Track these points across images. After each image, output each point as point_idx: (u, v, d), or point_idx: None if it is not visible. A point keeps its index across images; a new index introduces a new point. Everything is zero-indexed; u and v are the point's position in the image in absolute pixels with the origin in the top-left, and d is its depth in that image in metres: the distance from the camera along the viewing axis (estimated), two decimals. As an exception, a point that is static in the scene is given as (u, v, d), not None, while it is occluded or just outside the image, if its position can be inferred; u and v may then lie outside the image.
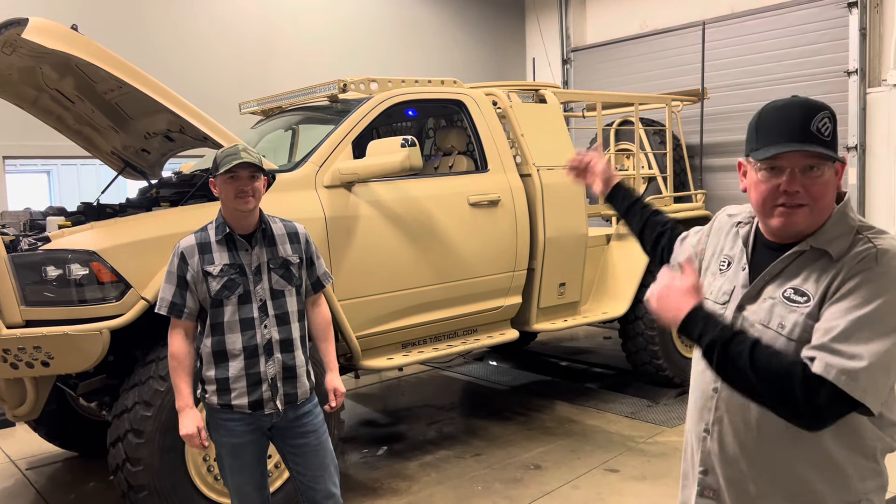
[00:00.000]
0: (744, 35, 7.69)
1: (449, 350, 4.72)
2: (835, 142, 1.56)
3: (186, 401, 2.70)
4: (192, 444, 2.71)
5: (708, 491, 1.75)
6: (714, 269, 1.81)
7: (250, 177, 2.66)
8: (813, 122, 1.53)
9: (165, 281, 2.73)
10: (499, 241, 4.84)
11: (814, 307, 1.54)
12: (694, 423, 1.79)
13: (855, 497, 1.61)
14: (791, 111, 1.57)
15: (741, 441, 1.66)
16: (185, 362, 2.71)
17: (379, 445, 5.10)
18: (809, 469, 1.59)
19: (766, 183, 1.58)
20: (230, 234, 2.71)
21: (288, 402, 2.76)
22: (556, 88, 5.98)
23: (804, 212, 1.56)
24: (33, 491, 4.59)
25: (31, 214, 4.20)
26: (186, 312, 2.71)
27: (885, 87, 6.75)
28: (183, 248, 2.72)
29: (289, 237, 2.82)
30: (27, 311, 3.34)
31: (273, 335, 2.71)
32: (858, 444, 1.59)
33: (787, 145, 1.53)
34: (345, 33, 8.16)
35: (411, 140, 4.00)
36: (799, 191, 1.54)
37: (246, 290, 2.69)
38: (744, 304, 1.67)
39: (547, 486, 4.27)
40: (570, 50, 9.57)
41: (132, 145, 4.83)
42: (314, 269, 2.92)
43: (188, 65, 6.95)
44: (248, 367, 2.68)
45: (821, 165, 1.54)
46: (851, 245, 1.55)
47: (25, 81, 4.21)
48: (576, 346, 7.76)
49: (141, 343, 3.70)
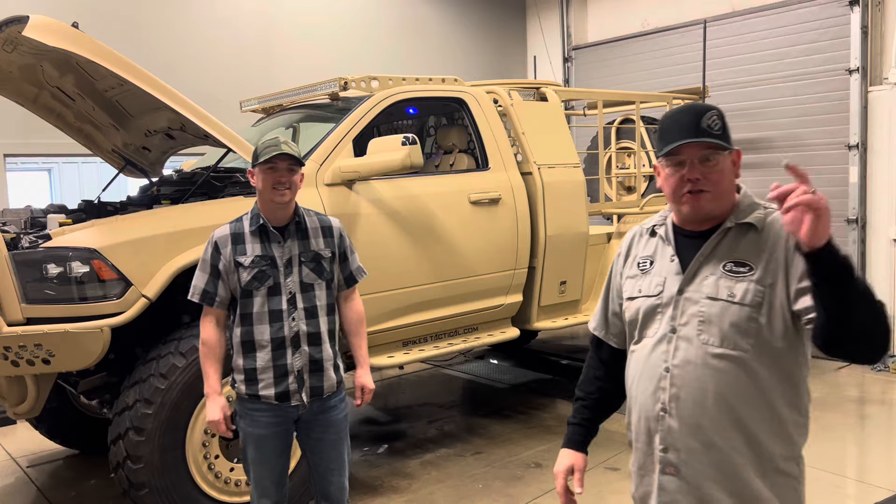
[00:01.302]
0: (745, 33, 7.67)
1: (450, 348, 4.72)
2: (725, 135, 1.79)
3: (214, 387, 2.76)
4: (217, 431, 2.76)
5: (669, 468, 1.83)
6: (634, 272, 1.97)
7: (288, 169, 2.70)
8: (703, 120, 1.76)
9: (199, 269, 2.78)
10: (499, 239, 4.83)
11: (760, 274, 1.74)
12: (645, 410, 1.86)
13: (795, 451, 1.80)
14: (685, 114, 1.81)
15: (701, 409, 1.77)
16: (215, 349, 2.77)
17: (379, 443, 5.10)
18: (762, 428, 1.75)
19: (673, 176, 1.81)
20: (264, 226, 2.74)
21: (314, 394, 2.79)
22: (557, 86, 5.97)
23: (707, 196, 1.79)
24: (34, 488, 4.60)
25: (32, 212, 4.20)
26: (218, 301, 2.75)
27: (886, 85, 6.74)
28: (217, 237, 2.76)
29: (322, 231, 2.85)
30: (28, 309, 3.34)
31: (301, 328, 2.74)
32: (797, 401, 1.78)
33: (683, 140, 1.77)
34: (346, 31, 8.15)
35: (412, 138, 4.00)
36: (699, 178, 1.77)
37: (276, 282, 2.72)
38: (683, 287, 1.83)
39: (547, 485, 4.28)
40: (571, 48, 9.56)
41: (133, 143, 4.83)
42: (347, 264, 2.94)
43: (189, 62, 6.94)
44: (276, 359, 2.71)
45: (714, 156, 1.77)
46: (767, 216, 1.80)
47: (26, 79, 4.21)
48: (576, 345, 7.75)
49: (142, 341, 3.70)
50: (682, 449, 1.80)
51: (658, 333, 1.84)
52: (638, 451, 1.92)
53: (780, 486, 1.77)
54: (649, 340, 1.86)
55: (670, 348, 1.81)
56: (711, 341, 1.76)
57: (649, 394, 1.85)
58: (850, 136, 6.90)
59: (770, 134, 7.46)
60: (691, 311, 1.79)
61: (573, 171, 5.29)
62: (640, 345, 1.90)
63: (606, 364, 2.11)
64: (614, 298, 2.07)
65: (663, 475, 1.84)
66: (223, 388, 2.85)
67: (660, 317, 1.85)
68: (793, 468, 1.80)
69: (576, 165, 5.34)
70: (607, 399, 2.10)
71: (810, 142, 7.16)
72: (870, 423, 5.49)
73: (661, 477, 1.85)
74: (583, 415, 2.11)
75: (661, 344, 1.83)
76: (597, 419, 2.12)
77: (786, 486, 1.78)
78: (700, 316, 1.77)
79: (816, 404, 5.67)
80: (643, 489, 1.91)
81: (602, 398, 2.11)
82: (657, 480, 1.86)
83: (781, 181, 1.60)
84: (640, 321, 1.90)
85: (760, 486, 1.76)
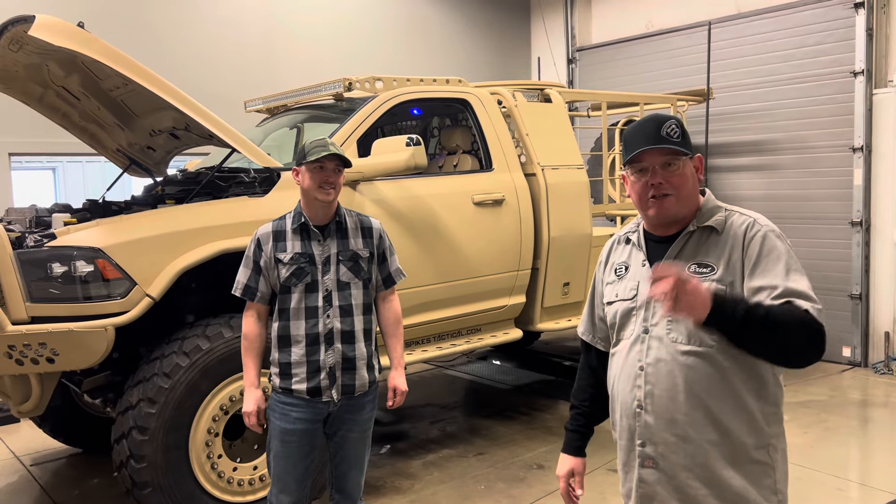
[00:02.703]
0: (750, 35, 7.66)
1: (452, 349, 4.73)
2: (685, 142, 1.89)
3: (252, 380, 2.83)
4: (250, 423, 2.82)
5: (648, 461, 1.92)
6: (611, 279, 2.07)
7: (335, 169, 2.77)
8: (663, 129, 1.86)
9: (242, 265, 2.85)
10: (503, 240, 4.83)
11: (721, 274, 1.84)
12: (625, 408, 1.95)
13: (766, 440, 1.87)
14: (646, 124, 1.90)
15: (673, 404, 1.86)
16: (255, 343, 2.84)
17: (382, 444, 5.10)
18: (731, 419, 1.83)
19: (638, 182, 1.91)
20: (305, 224, 2.80)
21: (345, 392, 2.82)
22: (561, 88, 5.98)
23: (671, 200, 1.88)
24: (37, 487, 4.61)
25: (37, 211, 4.21)
26: (259, 296, 2.83)
27: (891, 87, 6.73)
28: (260, 234, 2.84)
29: (362, 231, 2.90)
30: (32, 308, 3.35)
31: (335, 325, 2.78)
32: (764, 392, 1.86)
33: (644, 147, 1.86)
34: (350, 32, 8.16)
35: (416, 139, 4.01)
36: (662, 182, 1.87)
37: (314, 279, 2.78)
38: None
39: (550, 486, 4.27)
40: (575, 49, 9.55)
41: (137, 143, 4.84)
42: (386, 265, 2.98)
43: (193, 62, 6.96)
44: (309, 354, 2.76)
45: (675, 161, 1.87)
46: (727, 219, 1.90)
47: (31, 78, 4.22)
48: (579, 346, 7.73)
49: (146, 340, 3.71)
50: (659, 442, 1.89)
51: (633, 334, 1.95)
52: (621, 448, 2.01)
53: (753, 473, 1.85)
54: (626, 342, 1.97)
55: (643, 348, 1.91)
56: (679, 339, 1.86)
57: (627, 392, 1.95)
58: (854, 138, 6.88)
59: (774, 136, 7.45)
60: (661, 311, 1.87)
61: (577, 172, 5.29)
62: (618, 347, 2.01)
63: (595, 371, 2.21)
64: (598, 304, 2.17)
65: (642, 468, 1.93)
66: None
67: (634, 318, 1.96)
68: (764, 456, 1.86)
69: (579, 167, 5.34)
70: (599, 405, 2.18)
71: (815, 144, 7.15)
72: (873, 426, 5.48)
73: (640, 470, 1.94)
74: (578, 422, 2.24)
75: (636, 344, 1.93)
76: (591, 424, 2.24)
77: (759, 474, 1.86)
78: (668, 315, 1.85)
79: (820, 407, 5.69)
80: (627, 485, 2.00)
81: (594, 404, 2.21)
82: (637, 474, 1.94)
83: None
84: (617, 324, 2.01)
85: (732, 475, 1.84)
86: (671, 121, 1.89)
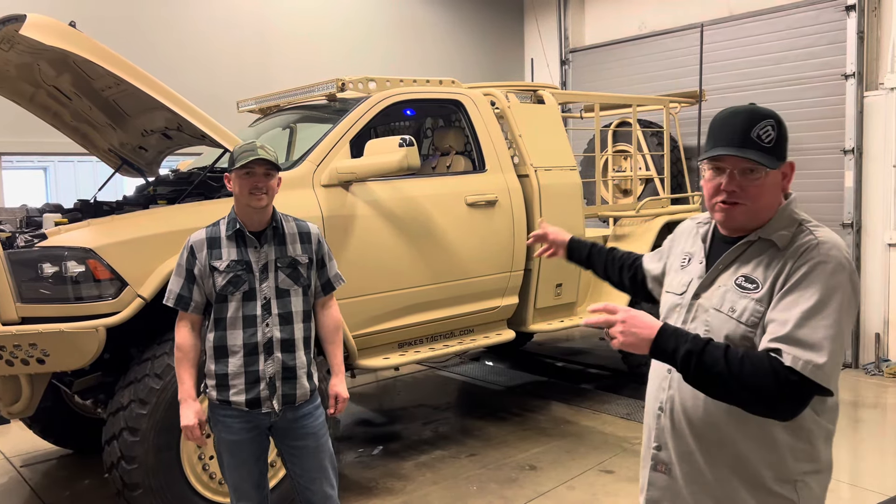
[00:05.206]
0: (742, 37, 7.69)
1: (445, 350, 4.72)
2: (778, 148, 1.67)
3: (189, 392, 2.71)
4: (191, 437, 2.71)
5: (661, 465, 1.87)
6: (676, 266, 1.97)
7: (265, 174, 2.67)
8: (754, 130, 1.65)
9: (174, 273, 2.74)
10: (496, 241, 4.84)
11: (763, 294, 1.67)
12: (649, 407, 1.92)
13: (790, 475, 1.71)
14: (736, 118, 1.69)
15: (690, 419, 1.78)
16: (190, 354, 2.73)
17: (374, 445, 5.10)
18: (750, 447, 1.71)
19: (710, 181, 1.74)
20: (240, 231, 2.72)
21: (286, 402, 2.75)
22: (554, 89, 5.98)
23: (741, 209, 1.70)
24: (28, 488, 4.58)
25: (28, 211, 4.19)
26: (193, 305, 2.72)
27: (882, 90, 6.77)
28: (193, 241, 2.73)
29: (300, 237, 2.82)
30: (23, 308, 3.34)
31: (275, 334, 2.70)
32: (795, 426, 1.68)
33: (724, 149, 1.67)
34: (343, 32, 8.15)
35: (409, 140, 4.00)
36: (735, 190, 1.69)
37: (251, 287, 2.69)
38: (699, 292, 1.82)
39: (542, 487, 4.28)
40: (568, 51, 9.57)
41: (129, 143, 4.82)
42: (325, 271, 2.91)
43: (186, 62, 6.94)
44: (247, 365, 2.68)
45: (759, 169, 1.66)
46: (794, 236, 1.69)
47: (23, 78, 4.20)
48: (572, 347, 7.77)
49: (137, 341, 3.70)
50: (673, 449, 1.84)
51: None
52: (643, 443, 1.98)
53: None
54: None
55: None
56: None
57: (654, 391, 1.91)
58: (845, 140, 6.92)
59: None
60: (701, 318, 1.79)
61: (570, 173, 5.30)
62: None
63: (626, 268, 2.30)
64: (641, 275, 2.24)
65: (654, 472, 1.89)
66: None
67: (676, 315, 1.87)
68: (790, 492, 1.71)
69: (572, 168, 5.35)
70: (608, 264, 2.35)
71: (806, 146, 7.18)
72: (863, 427, 5.51)
73: (651, 473, 1.90)
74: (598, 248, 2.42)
75: None
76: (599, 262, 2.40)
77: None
78: (706, 325, 1.77)
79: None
80: (642, 481, 1.97)
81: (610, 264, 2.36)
82: (648, 475, 1.92)
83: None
84: (664, 314, 1.93)
85: (747, 498, 1.73)
86: (768, 120, 1.66)
